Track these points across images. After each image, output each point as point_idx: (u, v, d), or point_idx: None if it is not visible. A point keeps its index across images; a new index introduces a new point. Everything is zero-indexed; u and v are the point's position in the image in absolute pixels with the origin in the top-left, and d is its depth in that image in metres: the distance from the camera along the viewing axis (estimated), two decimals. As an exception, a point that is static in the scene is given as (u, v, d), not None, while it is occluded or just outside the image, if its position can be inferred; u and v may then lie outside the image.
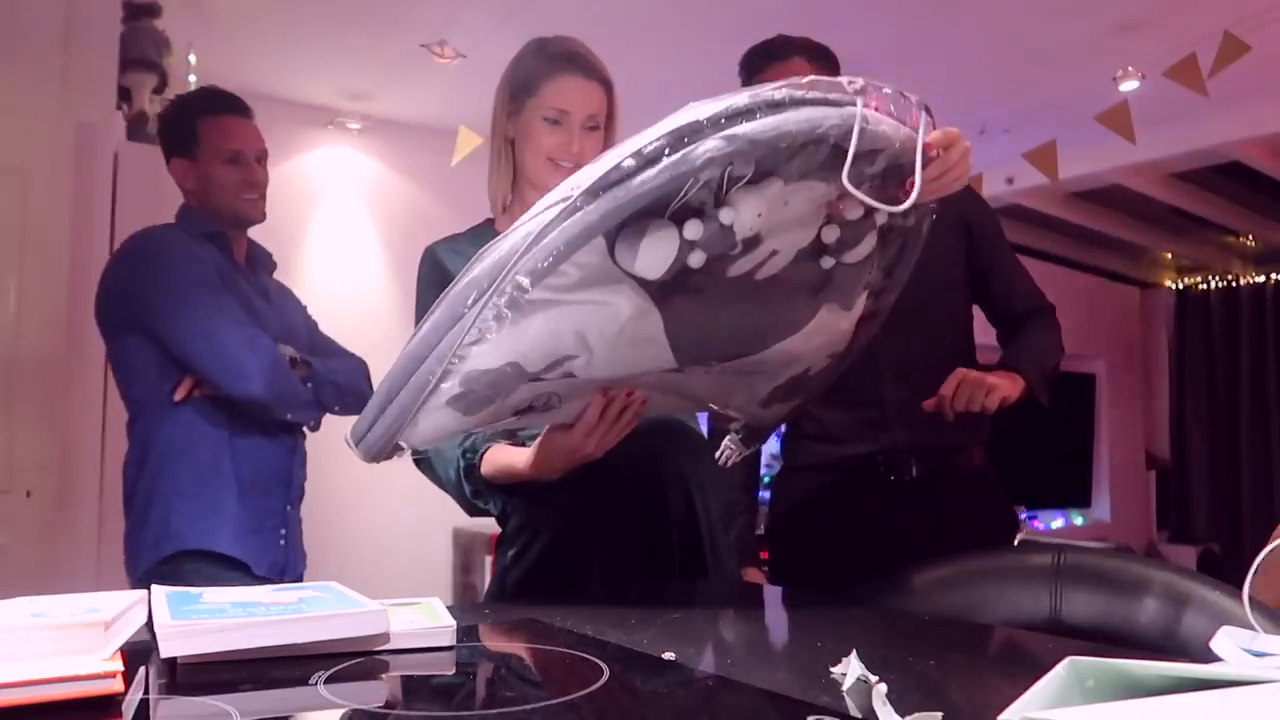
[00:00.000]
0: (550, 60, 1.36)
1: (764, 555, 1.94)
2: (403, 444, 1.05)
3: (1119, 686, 0.58)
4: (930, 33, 3.29)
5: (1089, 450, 6.67)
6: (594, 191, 0.91)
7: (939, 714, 0.62)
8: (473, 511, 1.36)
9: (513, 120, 1.39)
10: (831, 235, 1.01)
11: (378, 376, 1.08)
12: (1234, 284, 6.72)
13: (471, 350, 0.96)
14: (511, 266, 0.93)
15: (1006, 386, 1.58)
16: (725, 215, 0.93)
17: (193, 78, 3.10)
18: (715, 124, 0.89)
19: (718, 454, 1.41)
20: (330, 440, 4.80)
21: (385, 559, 4.09)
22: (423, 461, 1.35)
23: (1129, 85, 3.58)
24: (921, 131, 0.98)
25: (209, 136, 1.87)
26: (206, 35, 3.24)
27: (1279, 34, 3.15)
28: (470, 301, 0.95)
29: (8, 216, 2.56)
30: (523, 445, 1.28)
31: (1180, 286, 7.02)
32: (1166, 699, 0.55)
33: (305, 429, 1.94)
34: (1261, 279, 6.56)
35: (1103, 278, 6.69)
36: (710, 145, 0.88)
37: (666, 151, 0.89)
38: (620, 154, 0.91)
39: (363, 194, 4.39)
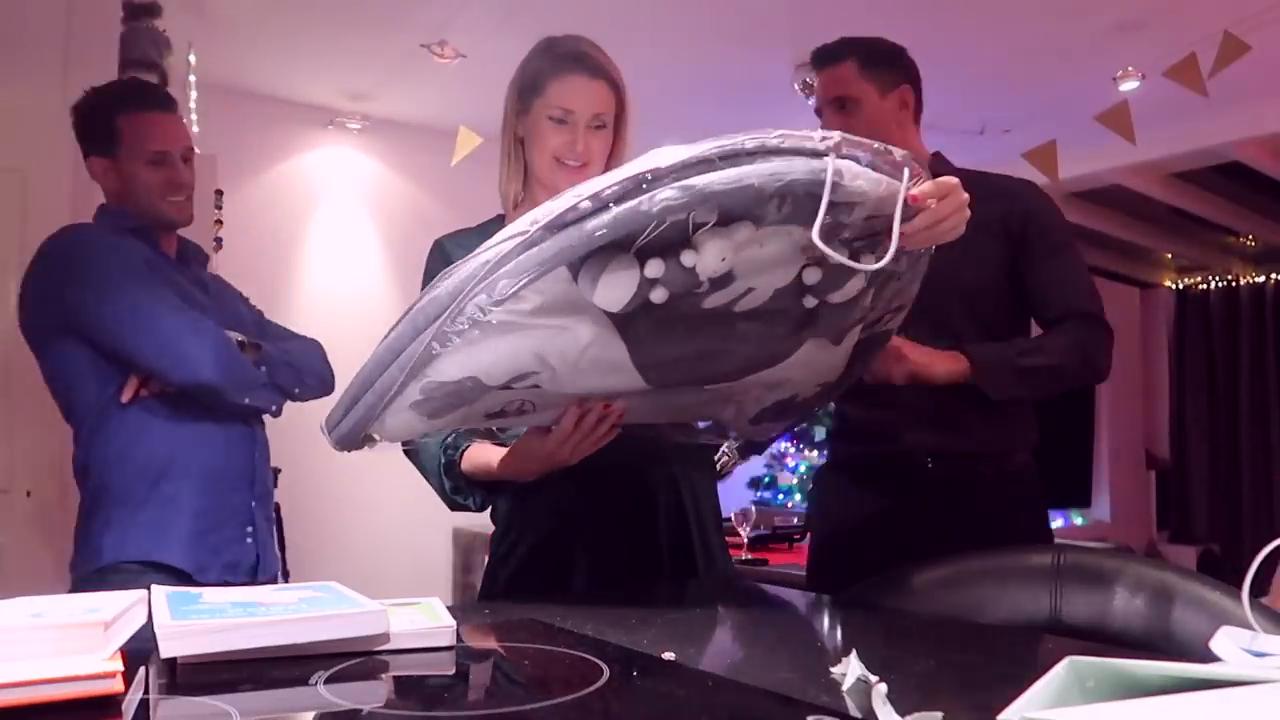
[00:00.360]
0: (556, 60, 1.36)
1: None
2: (375, 436, 1.08)
3: (1119, 686, 0.58)
4: (930, 33, 3.29)
5: (1089, 450, 6.67)
6: (551, 228, 0.92)
7: (939, 714, 0.62)
8: (453, 506, 1.36)
9: (521, 119, 1.39)
10: (813, 277, 1.00)
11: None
12: (1234, 284, 6.72)
13: (432, 363, 0.98)
14: (468, 292, 0.95)
15: (927, 362, 1.51)
16: (687, 258, 0.93)
17: (193, 77, 3.10)
18: (674, 173, 0.89)
19: (715, 460, 1.42)
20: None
21: (385, 559, 4.09)
22: (412, 453, 1.36)
23: (1129, 85, 3.58)
24: (904, 186, 0.96)
25: (131, 134, 1.71)
26: (206, 35, 3.24)
27: (1279, 34, 3.15)
28: (430, 319, 0.97)
29: (8, 216, 2.56)
30: (504, 445, 1.29)
31: (1180, 286, 7.02)
32: (1166, 699, 0.55)
33: (266, 416, 1.86)
34: (1261, 279, 6.56)
35: (1103, 278, 6.69)
36: (666, 195, 0.89)
37: (621, 198, 0.90)
38: (580, 194, 0.92)
39: (363, 194, 4.39)
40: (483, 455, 1.30)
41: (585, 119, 1.34)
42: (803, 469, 5.07)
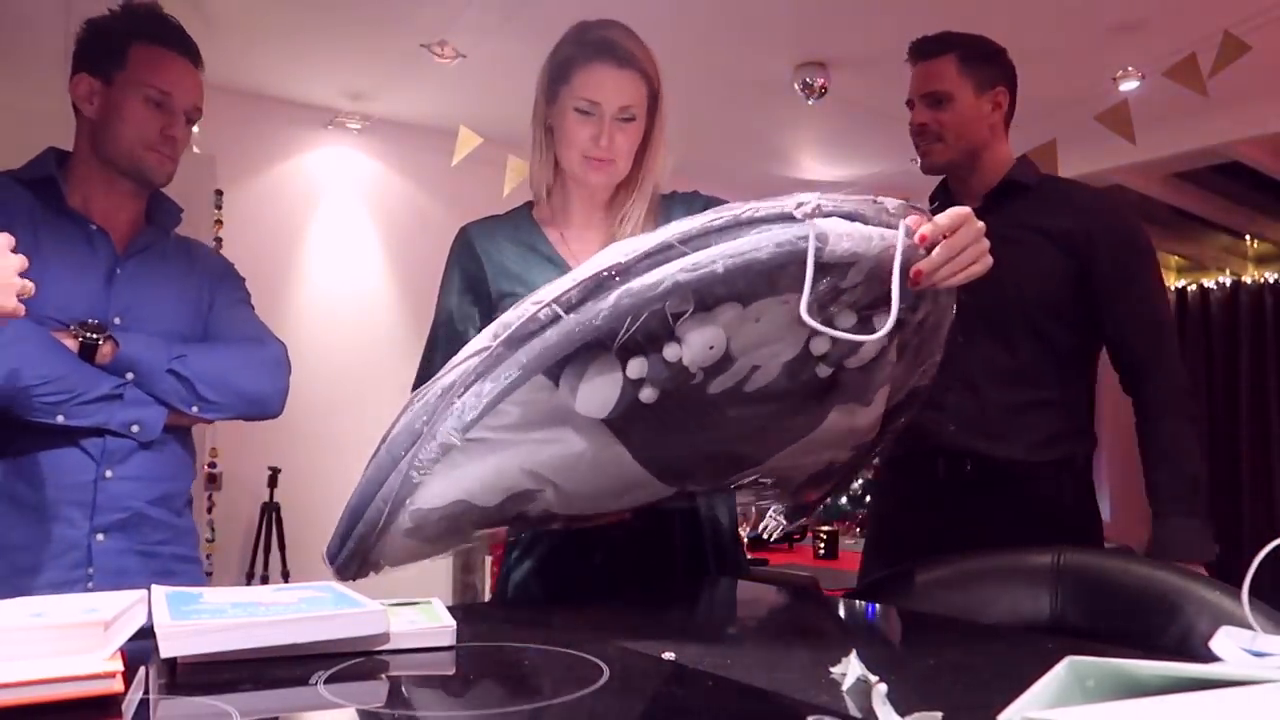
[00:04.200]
0: (584, 47, 1.31)
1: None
2: (380, 562, 1.02)
3: (1119, 686, 0.58)
4: (929, 33, 3.28)
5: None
6: (512, 342, 0.87)
7: (939, 714, 0.62)
8: None
9: (550, 108, 1.34)
10: (822, 346, 0.91)
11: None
12: (1234, 284, 6.72)
13: (415, 491, 0.92)
14: (435, 420, 0.90)
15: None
16: (670, 352, 0.86)
17: (193, 78, 3.10)
18: (629, 271, 0.83)
19: (760, 529, 1.36)
20: (329, 435, 4.78)
21: (385, 559, 4.08)
22: None
23: (1129, 85, 3.58)
24: (900, 238, 0.86)
25: (138, 64, 1.47)
26: (206, 35, 3.23)
27: (1279, 34, 3.15)
28: (405, 447, 0.92)
29: (8, 216, 2.55)
30: None
31: (1180, 286, 7.02)
32: (1166, 699, 0.55)
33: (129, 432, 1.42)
34: (1261, 279, 6.56)
35: (1103, 278, 6.68)
36: (631, 289, 0.82)
37: (582, 301, 0.84)
38: (540, 300, 0.86)
39: (363, 194, 4.40)
40: None
41: (612, 111, 1.29)
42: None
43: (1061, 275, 1.64)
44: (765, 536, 1.34)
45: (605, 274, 0.83)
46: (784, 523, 1.31)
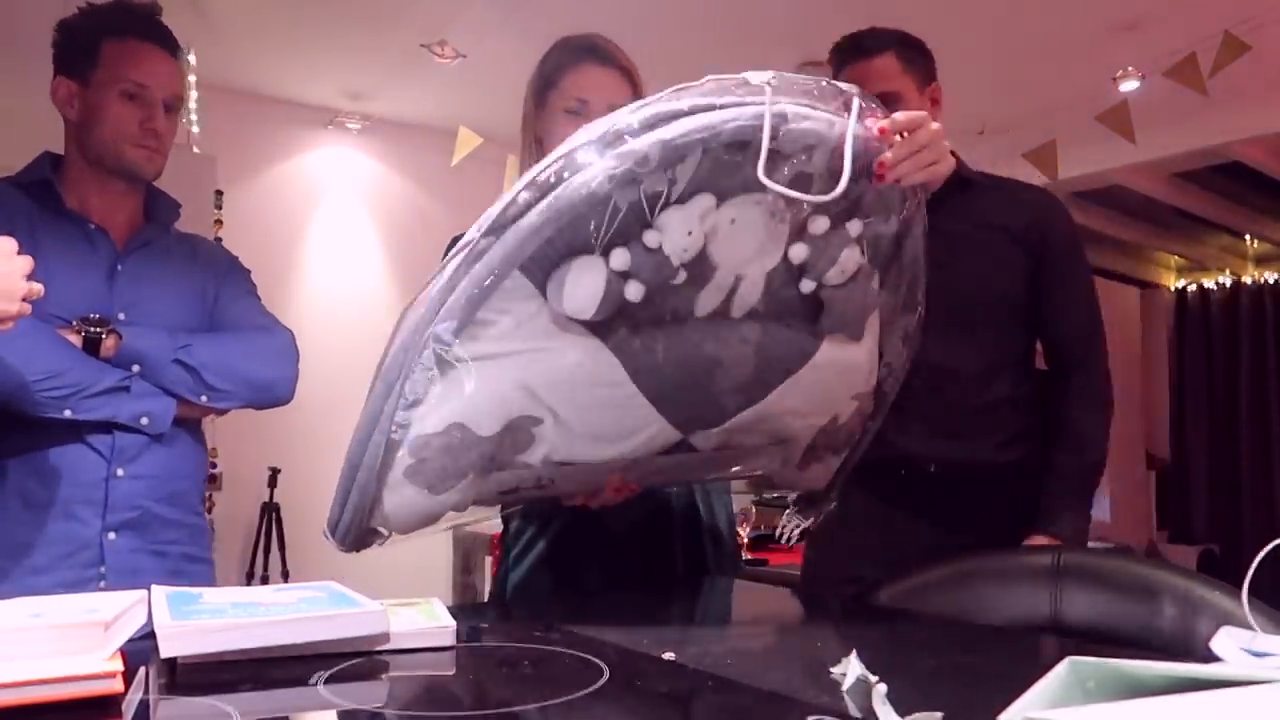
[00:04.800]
0: (569, 52, 1.35)
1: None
2: (381, 530, 0.99)
3: (1119, 686, 0.58)
4: (930, 33, 3.29)
5: (1089, 450, 6.65)
6: (493, 230, 0.88)
7: (939, 714, 0.62)
8: None
9: (539, 117, 1.37)
10: (800, 254, 0.96)
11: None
12: (1234, 284, 6.72)
13: (412, 416, 0.91)
14: (429, 322, 0.90)
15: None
16: (650, 238, 0.89)
17: (193, 78, 3.10)
18: (606, 142, 0.86)
19: (777, 534, 1.30)
20: (329, 435, 4.76)
21: (385, 559, 4.07)
22: None
23: (1129, 85, 3.58)
24: (853, 118, 0.92)
25: (112, 60, 1.44)
26: (206, 35, 3.24)
27: (1279, 34, 3.15)
28: (399, 368, 0.91)
29: (8, 216, 2.55)
30: None
31: (1180, 286, 7.02)
32: (1166, 699, 0.55)
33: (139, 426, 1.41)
34: (1261, 279, 6.56)
35: (1103, 278, 6.68)
36: (605, 164, 0.85)
37: (559, 178, 0.86)
38: (518, 186, 0.88)
39: (363, 194, 4.40)
40: None
41: (600, 109, 1.28)
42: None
43: (1021, 272, 1.64)
44: (784, 540, 1.29)
45: (576, 151, 0.86)
46: (801, 520, 1.28)
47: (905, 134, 0.98)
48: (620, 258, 0.89)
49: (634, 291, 0.91)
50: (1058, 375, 1.69)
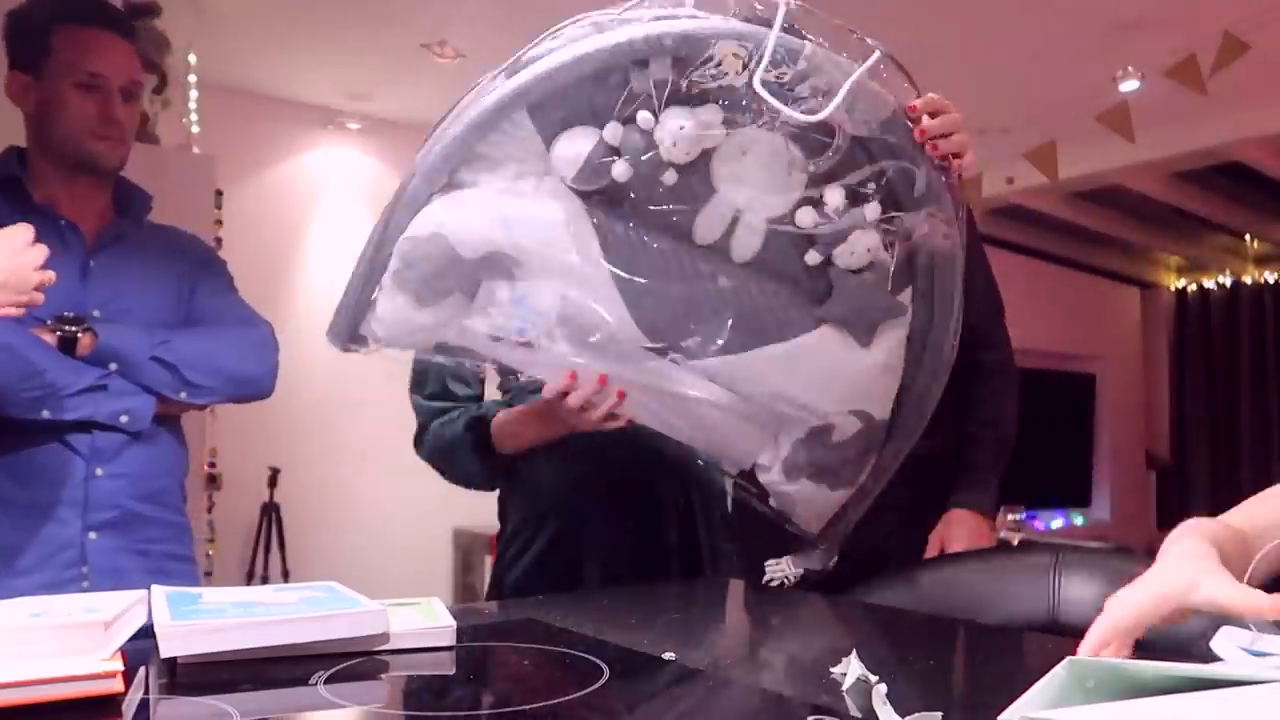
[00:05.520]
0: None
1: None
2: (371, 336, 1.04)
3: (1119, 686, 0.58)
4: (930, 33, 3.29)
5: (1089, 450, 6.67)
6: (509, 70, 0.98)
7: (939, 714, 0.62)
8: (489, 482, 1.34)
9: None
10: (807, 218, 1.00)
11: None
12: (1234, 284, 6.72)
13: (405, 219, 1.00)
14: (436, 139, 1.00)
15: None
16: (643, 119, 0.95)
17: (193, 78, 3.10)
18: (625, 20, 0.95)
19: (765, 578, 1.24)
20: (329, 435, 4.76)
21: (385, 559, 4.09)
22: (442, 451, 1.33)
23: (1129, 85, 3.58)
24: (866, 66, 0.99)
25: (63, 49, 1.39)
26: (206, 35, 3.24)
27: (1279, 34, 3.15)
28: (409, 184, 1.00)
29: (8, 216, 2.54)
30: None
31: (1180, 286, 7.02)
32: (1166, 699, 0.55)
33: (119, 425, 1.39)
34: (1261, 279, 6.56)
35: (1103, 278, 6.69)
36: (624, 32, 0.94)
37: (581, 33, 0.96)
38: (539, 38, 0.99)
39: (363, 194, 4.40)
40: (507, 417, 1.27)
41: None
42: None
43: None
44: (770, 583, 1.22)
45: (607, 19, 0.96)
46: (791, 571, 1.22)
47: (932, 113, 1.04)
48: (613, 131, 0.97)
49: (620, 170, 0.98)
50: (965, 357, 1.69)
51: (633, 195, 0.99)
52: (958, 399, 1.63)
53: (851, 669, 0.74)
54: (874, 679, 0.69)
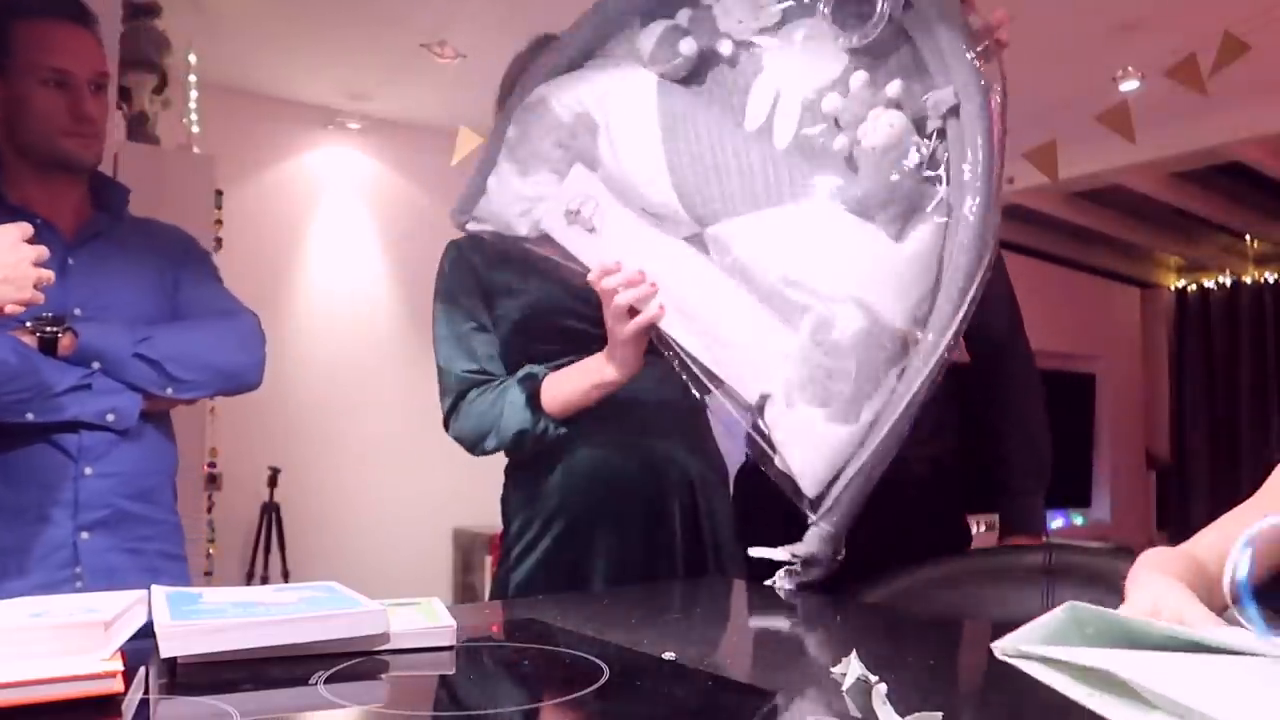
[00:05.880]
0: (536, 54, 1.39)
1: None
2: (481, 214, 1.32)
3: (1118, 638, 0.58)
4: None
5: (1089, 450, 6.67)
6: None
7: (939, 714, 0.62)
8: (538, 442, 1.32)
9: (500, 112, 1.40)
10: (832, 104, 1.14)
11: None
12: (1234, 284, 6.72)
13: (517, 102, 1.30)
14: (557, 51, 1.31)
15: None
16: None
17: (193, 77, 3.10)
18: None
19: (771, 582, 1.23)
20: (329, 435, 4.75)
21: (385, 559, 4.09)
22: (467, 414, 1.34)
23: (1129, 85, 3.58)
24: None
25: (24, 46, 1.35)
26: (206, 35, 3.24)
27: (1279, 34, 3.15)
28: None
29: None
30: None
31: (1180, 286, 7.02)
32: (1160, 654, 0.55)
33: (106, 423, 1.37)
34: (1261, 279, 6.56)
35: (1103, 278, 6.69)
36: None
37: None
38: None
39: (363, 194, 4.40)
40: (552, 384, 1.31)
41: None
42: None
43: None
44: (775, 587, 1.20)
45: None
46: (790, 581, 1.21)
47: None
48: (684, 14, 1.22)
49: (688, 47, 1.21)
50: (985, 363, 1.65)
51: (700, 77, 1.21)
52: (968, 408, 1.62)
53: (851, 669, 0.74)
54: (874, 679, 0.68)
